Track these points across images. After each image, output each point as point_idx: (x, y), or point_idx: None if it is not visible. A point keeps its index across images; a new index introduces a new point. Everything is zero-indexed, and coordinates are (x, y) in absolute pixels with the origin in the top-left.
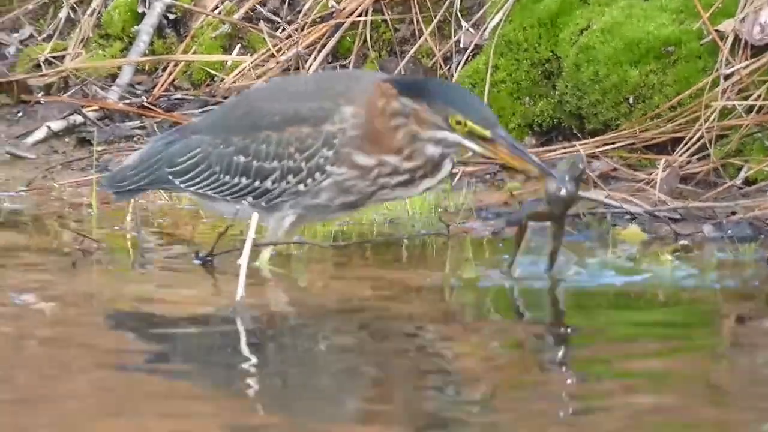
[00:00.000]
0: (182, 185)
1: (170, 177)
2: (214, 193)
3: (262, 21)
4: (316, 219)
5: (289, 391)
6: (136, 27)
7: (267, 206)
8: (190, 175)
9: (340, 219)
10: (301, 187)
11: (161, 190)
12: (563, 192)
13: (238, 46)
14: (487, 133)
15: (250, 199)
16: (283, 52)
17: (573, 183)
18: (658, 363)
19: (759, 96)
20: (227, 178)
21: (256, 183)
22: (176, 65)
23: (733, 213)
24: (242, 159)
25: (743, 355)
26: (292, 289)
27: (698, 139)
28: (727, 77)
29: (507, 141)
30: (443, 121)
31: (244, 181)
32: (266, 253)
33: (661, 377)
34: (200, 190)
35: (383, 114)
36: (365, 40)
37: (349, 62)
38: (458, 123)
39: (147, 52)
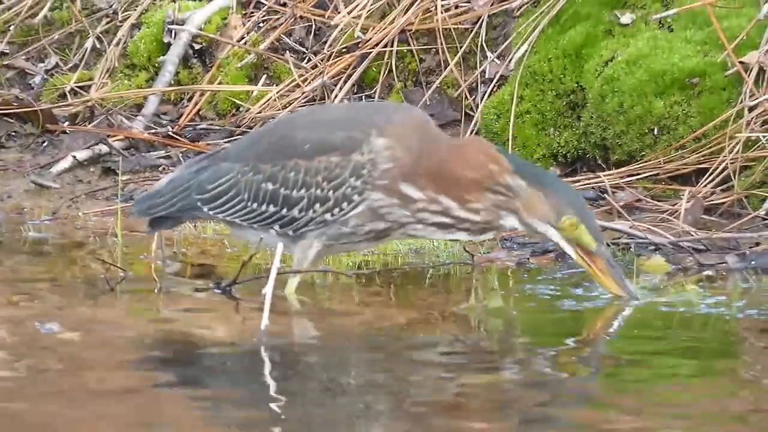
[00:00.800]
0: (210, 212)
1: (199, 204)
2: (242, 220)
3: (287, 51)
4: (343, 249)
5: (312, 425)
6: (161, 57)
7: (293, 235)
8: (218, 202)
9: (365, 250)
10: (328, 216)
11: (189, 220)
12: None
13: (264, 76)
14: (594, 246)
15: (277, 227)
16: (309, 83)
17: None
18: (683, 392)
19: None
20: (255, 205)
21: (284, 211)
22: (202, 95)
23: (757, 244)
24: (270, 186)
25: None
26: (317, 319)
27: (722, 170)
28: (751, 109)
29: (607, 258)
30: (555, 218)
31: (271, 209)
32: (293, 283)
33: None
34: (228, 218)
35: (490, 177)
36: (391, 70)
37: (375, 92)
38: (570, 225)
39: (173, 82)
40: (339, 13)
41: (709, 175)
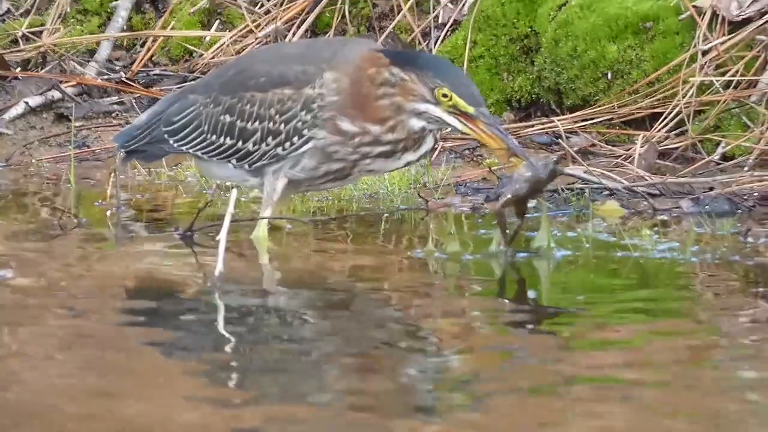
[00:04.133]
0: (175, 144)
1: (165, 136)
2: (203, 153)
3: None
4: (309, 190)
5: (263, 369)
6: (114, 2)
7: (250, 170)
8: (182, 134)
9: (320, 194)
10: (280, 150)
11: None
12: (538, 176)
13: (217, 21)
14: (471, 109)
15: (234, 161)
16: (262, 28)
17: (546, 171)
18: (639, 335)
19: (736, 72)
20: (213, 137)
21: (239, 144)
22: (155, 41)
23: (711, 188)
24: (228, 118)
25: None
26: (273, 265)
27: (676, 115)
28: (704, 53)
29: (488, 120)
30: (429, 93)
31: (228, 141)
32: (263, 228)
33: (641, 348)
34: (191, 150)
35: (372, 82)
36: (344, 16)
37: (329, 38)
38: (444, 96)
39: (125, 27)
40: None
41: (663, 120)
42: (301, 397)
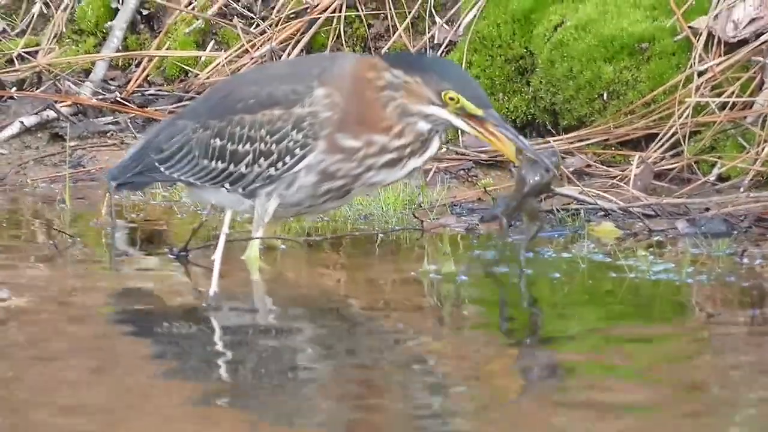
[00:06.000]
0: (167, 172)
1: (156, 164)
2: (195, 179)
3: (235, 17)
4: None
5: (259, 389)
6: (109, 22)
7: (244, 193)
8: (173, 161)
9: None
10: (273, 171)
11: (156, 184)
12: (549, 174)
13: (212, 42)
14: (480, 112)
15: (227, 185)
16: (257, 48)
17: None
18: (634, 355)
19: (732, 93)
20: (205, 162)
21: (231, 167)
22: (150, 61)
23: (707, 209)
24: (218, 142)
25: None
26: (268, 285)
27: (672, 136)
28: (700, 74)
29: (498, 122)
30: (436, 96)
31: (220, 165)
32: (254, 248)
33: (636, 369)
34: (182, 177)
35: (373, 87)
36: (339, 36)
37: (317, 54)
38: (451, 99)
39: (120, 47)
40: None
41: (659, 141)
42: (295, 419)
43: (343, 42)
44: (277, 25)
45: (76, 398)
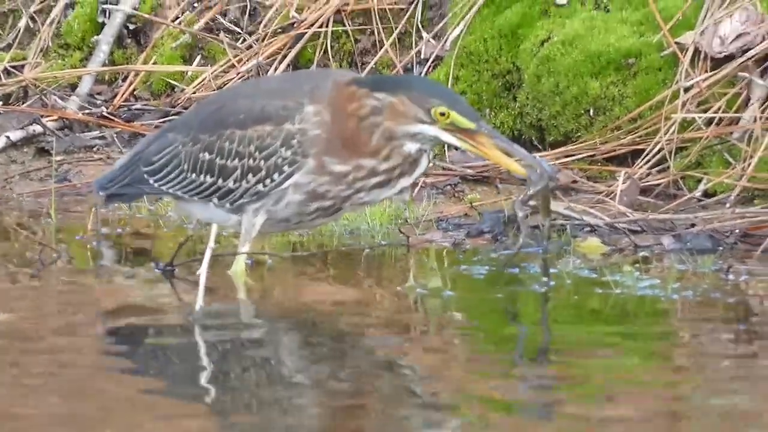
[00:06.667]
0: (156, 184)
1: (146, 176)
2: (183, 192)
3: (222, 32)
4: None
5: (245, 404)
6: (96, 37)
7: (232, 208)
8: (162, 173)
9: (302, 230)
10: (261, 187)
11: (144, 196)
12: (551, 171)
13: (199, 56)
14: (472, 125)
15: (215, 199)
16: (244, 63)
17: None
18: (619, 372)
19: (718, 108)
20: (194, 176)
21: (220, 182)
22: (136, 75)
23: (693, 225)
24: (207, 156)
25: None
26: (254, 300)
27: (658, 151)
28: (687, 89)
29: (491, 132)
30: (424, 114)
31: (209, 179)
32: (240, 263)
33: (620, 386)
34: (171, 190)
35: (357, 117)
36: (326, 51)
37: (310, 69)
38: (442, 114)
39: (107, 62)
40: None
41: (645, 156)
42: None
43: (330, 57)
44: (263, 40)
45: (54, 409)
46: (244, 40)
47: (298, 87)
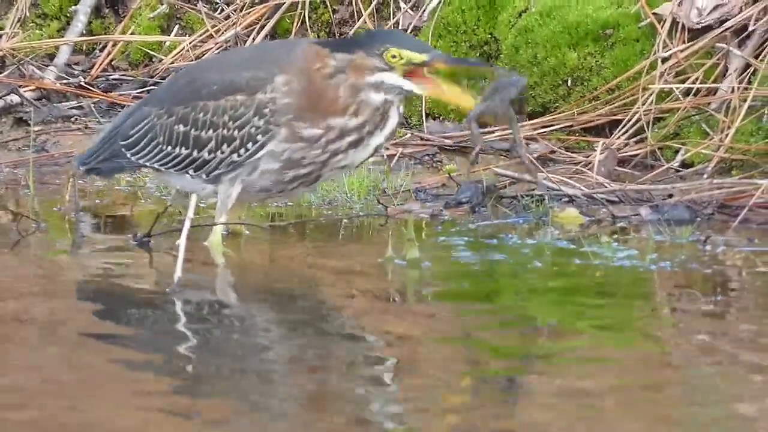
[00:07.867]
0: (133, 158)
1: (123, 150)
2: (160, 165)
3: (200, 2)
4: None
5: (222, 373)
6: (73, 7)
7: (208, 178)
8: (138, 147)
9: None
10: (235, 157)
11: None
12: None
13: (177, 26)
14: (424, 56)
15: (191, 171)
16: (222, 33)
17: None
18: (594, 342)
19: (696, 79)
20: (169, 148)
21: (195, 153)
22: (114, 45)
23: (670, 195)
24: (182, 128)
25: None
26: (232, 271)
27: (636, 122)
28: (664, 60)
29: (445, 57)
30: (381, 62)
31: (184, 151)
32: (217, 234)
33: (595, 357)
34: (148, 163)
35: (321, 76)
36: (304, 21)
37: (280, 40)
38: (394, 57)
39: (85, 32)
40: None
41: (623, 127)
42: (255, 406)
43: (308, 27)
44: (241, 10)
45: (31, 380)
46: (222, 10)
47: (269, 57)
